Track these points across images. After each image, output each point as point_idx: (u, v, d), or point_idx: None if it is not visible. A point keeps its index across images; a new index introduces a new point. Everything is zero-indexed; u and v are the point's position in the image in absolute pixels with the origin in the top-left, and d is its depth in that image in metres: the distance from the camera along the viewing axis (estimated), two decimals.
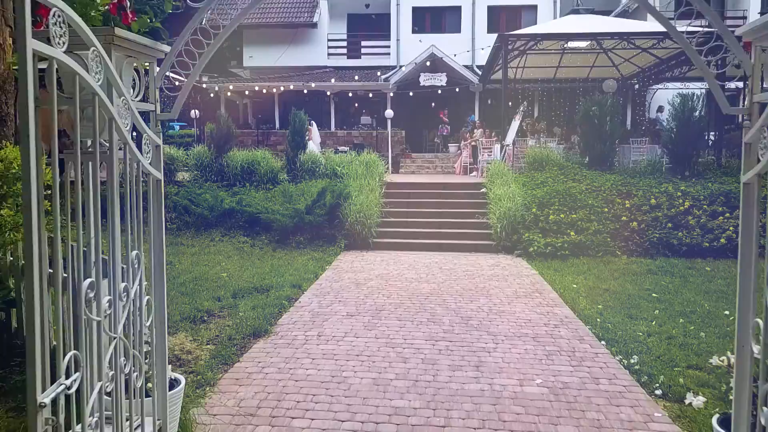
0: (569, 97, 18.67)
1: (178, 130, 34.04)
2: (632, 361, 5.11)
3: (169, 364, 3.50)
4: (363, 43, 25.94)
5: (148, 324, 3.17)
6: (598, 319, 6.59)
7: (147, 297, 3.18)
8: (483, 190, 12.23)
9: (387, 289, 7.69)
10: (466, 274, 8.75)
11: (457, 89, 21.48)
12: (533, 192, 11.49)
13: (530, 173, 12.54)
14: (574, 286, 8.25)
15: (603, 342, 5.67)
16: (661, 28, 13.97)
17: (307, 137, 18.39)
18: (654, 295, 7.81)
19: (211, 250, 10.57)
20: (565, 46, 16.23)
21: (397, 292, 7.58)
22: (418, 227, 11.40)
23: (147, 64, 3.12)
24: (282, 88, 21.38)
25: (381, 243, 10.89)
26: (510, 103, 18.57)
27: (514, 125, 13.70)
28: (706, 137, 15.89)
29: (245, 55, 26.22)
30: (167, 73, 3.27)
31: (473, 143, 15.80)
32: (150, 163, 3.13)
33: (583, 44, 16.17)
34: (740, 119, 3.00)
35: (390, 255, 10.37)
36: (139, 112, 2.96)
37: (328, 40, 25.41)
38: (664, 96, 20.93)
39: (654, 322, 6.36)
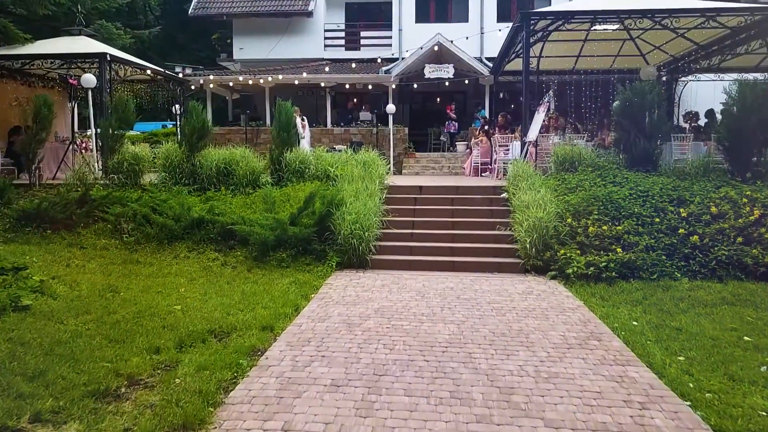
0: (594, 90, 16.64)
1: (170, 128, 32.11)
2: None
3: None
4: (362, 34, 23.99)
5: None
6: (691, 384, 4.60)
7: None
8: (504, 195, 10.21)
9: (389, 335, 5.67)
10: (493, 308, 6.73)
11: (466, 81, 19.46)
12: (566, 198, 9.47)
13: (560, 175, 10.52)
14: (635, 323, 6.25)
15: None
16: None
17: (300, 135, 16.44)
18: (746, 338, 5.82)
19: (173, 270, 8.57)
20: (593, 29, 14.21)
21: (403, 338, 5.56)
22: (427, 240, 9.39)
23: None
24: (270, 78, 19.36)
25: (381, 261, 8.89)
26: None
27: (538, 119, 11.67)
28: None
29: (235, 47, 24.27)
30: None
31: (499, 137, 13.71)
32: None
33: (612, 27, 14.16)
34: None
35: (392, 277, 8.35)
36: None
37: (325, 30, 23.47)
38: (696, 89, 18.88)
39: None
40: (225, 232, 9.55)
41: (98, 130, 12.38)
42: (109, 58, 13.34)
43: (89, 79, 12.81)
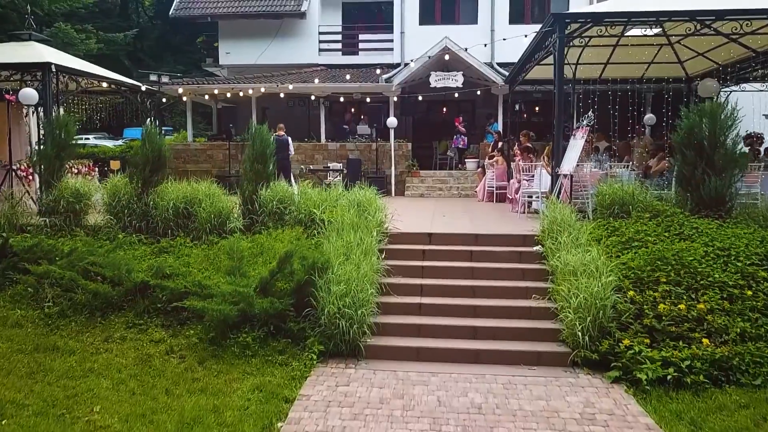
0: (626, 102, 14.37)
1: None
2: None
3: None
4: (361, 37, 21.77)
5: None
6: None
7: None
8: (538, 249, 7.95)
9: None
10: None
11: (478, 92, 17.19)
12: (623, 259, 7.20)
13: (608, 222, 8.25)
14: None
15: None
16: None
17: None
18: None
19: (98, 364, 6.33)
20: (630, 34, 11.98)
21: None
22: (441, 314, 7.14)
23: None
24: (251, 91, 17.12)
25: (379, 348, 6.64)
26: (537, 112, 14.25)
27: (576, 146, 9.37)
28: None
29: (221, 51, 22.04)
30: None
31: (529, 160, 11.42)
32: None
33: (649, 32, 11.94)
34: None
35: (394, 380, 6.08)
36: None
37: (320, 33, 21.23)
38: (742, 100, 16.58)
39: None
40: (177, 298, 7.30)
41: (36, 158, 10.15)
42: (54, 69, 11.11)
43: (29, 95, 10.58)
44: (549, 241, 7.70)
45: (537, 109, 20.50)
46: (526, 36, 11.07)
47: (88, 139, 30.49)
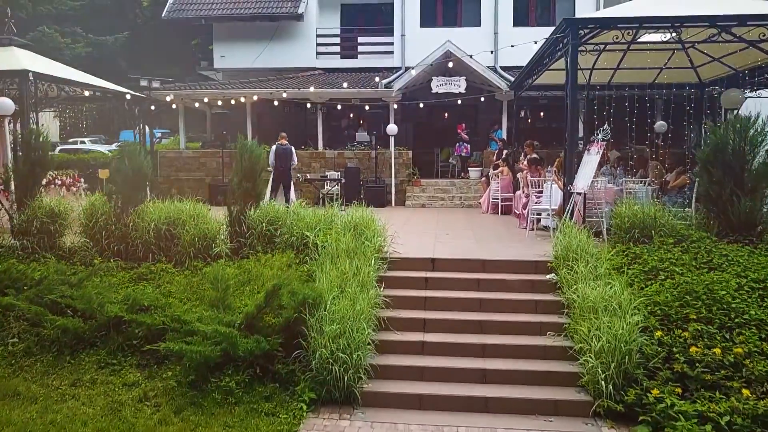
0: (635, 108, 13.67)
1: (160, 141, 28.82)
2: None
3: None
4: (360, 40, 21.04)
5: None
6: None
7: None
8: (552, 278, 7.25)
9: None
10: None
11: (482, 98, 16.48)
12: (647, 292, 6.50)
13: (627, 248, 7.54)
14: None
15: None
16: None
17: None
18: None
19: (61, 415, 5.64)
20: (644, 40, 11.29)
21: None
22: (446, 353, 6.45)
23: None
24: (243, 99, 16.45)
25: (377, 395, 5.94)
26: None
27: (590, 163, 8.66)
28: None
29: (216, 54, 21.37)
30: None
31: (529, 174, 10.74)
32: None
33: (662, 38, 11.25)
34: None
35: None
36: None
37: (318, 36, 20.53)
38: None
39: None
40: (155, 334, 6.61)
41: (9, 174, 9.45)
42: (32, 77, 10.43)
43: (3, 105, 9.90)
44: (564, 270, 7.00)
45: (542, 114, 19.81)
46: (535, 42, 10.35)
47: (84, 143, 29.81)
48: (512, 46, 11.99)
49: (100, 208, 8.47)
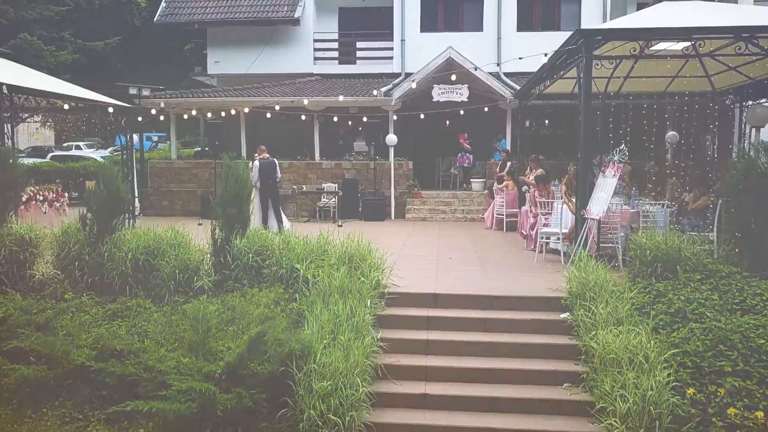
0: (648, 120, 12.99)
1: (154, 146, 27.99)
2: None
3: None
4: (358, 45, 20.39)
5: None
6: None
7: None
8: (566, 317, 6.57)
9: None
10: None
11: (486, 108, 15.79)
12: (674, 338, 5.83)
13: (648, 282, 6.86)
14: None
15: None
16: None
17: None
18: None
19: None
20: (656, 49, 10.65)
21: None
22: (450, 407, 5.77)
23: None
24: (234, 111, 15.77)
25: None
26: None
27: (607, 184, 7.98)
28: None
29: (210, 60, 20.69)
30: None
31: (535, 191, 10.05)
32: None
33: (677, 46, 10.61)
34: None
35: None
36: None
37: (315, 41, 19.87)
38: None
39: None
40: (124, 387, 5.94)
41: None
42: (5, 90, 9.76)
43: None
44: (581, 312, 6.31)
45: (547, 122, 19.11)
46: (546, 54, 9.67)
47: (80, 147, 29.07)
48: (520, 58, 11.32)
49: (73, 236, 7.78)
